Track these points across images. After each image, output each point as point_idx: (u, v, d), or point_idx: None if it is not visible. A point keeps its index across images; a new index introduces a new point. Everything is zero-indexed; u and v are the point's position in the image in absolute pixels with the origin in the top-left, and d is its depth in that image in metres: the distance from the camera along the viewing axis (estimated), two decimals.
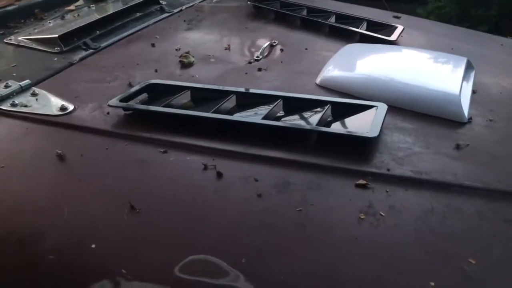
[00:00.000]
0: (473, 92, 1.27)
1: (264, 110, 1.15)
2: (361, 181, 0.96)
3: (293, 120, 1.13)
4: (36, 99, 1.23)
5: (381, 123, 1.06)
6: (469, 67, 1.34)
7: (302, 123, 1.12)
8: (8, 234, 0.91)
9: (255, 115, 1.14)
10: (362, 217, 0.88)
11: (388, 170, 0.99)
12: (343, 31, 1.65)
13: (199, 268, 0.81)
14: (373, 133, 1.03)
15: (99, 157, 1.04)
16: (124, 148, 1.06)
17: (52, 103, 1.21)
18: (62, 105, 1.19)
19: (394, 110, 1.16)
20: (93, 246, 0.84)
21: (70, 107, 1.19)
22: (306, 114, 1.15)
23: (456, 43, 1.63)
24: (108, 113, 1.16)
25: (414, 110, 1.18)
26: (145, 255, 0.84)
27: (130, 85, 1.28)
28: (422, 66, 1.35)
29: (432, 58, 1.40)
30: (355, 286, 0.79)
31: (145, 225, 0.88)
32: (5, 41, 1.57)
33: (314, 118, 1.12)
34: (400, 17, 1.88)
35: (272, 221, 0.89)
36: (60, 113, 1.17)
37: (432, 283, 0.77)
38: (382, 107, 1.11)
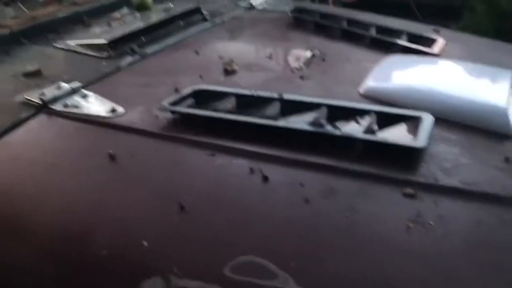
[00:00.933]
0: None
1: (308, 117, 1.16)
2: (409, 190, 0.96)
3: (338, 128, 1.14)
4: (87, 101, 1.27)
5: (428, 133, 1.06)
6: None
7: (347, 131, 1.12)
8: (61, 230, 0.95)
9: (300, 122, 1.15)
10: (410, 225, 0.88)
11: (436, 180, 0.98)
12: (383, 43, 1.66)
13: (248, 268, 0.82)
14: (421, 143, 1.02)
15: (149, 158, 1.07)
16: (173, 150, 1.09)
17: (102, 105, 1.25)
18: (112, 107, 1.22)
19: (439, 121, 1.15)
20: (145, 243, 0.86)
21: (120, 109, 1.22)
22: (351, 122, 1.16)
23: (498, 56, 1.61)
24: (157, 116, 1.19)
25: (460, 122, 1.17)
26: (195, 254, 0.85)
27: (177, 90, 1.31)
28: (466, 78, 1.35)
29: (476, 70, 1.39)
30: None
31: (194, 224, 0.90)
32: (55, 46, 1.63)
33: (359, 126, 1.12)
34: (439, 30, 1.87)
35: (319, 226, 0.89)
36: (110, 114, 1.20)
37: None
38: (428, 117, 1.11)
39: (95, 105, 1.25)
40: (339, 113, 1.18)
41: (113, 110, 1.22)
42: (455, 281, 0.79)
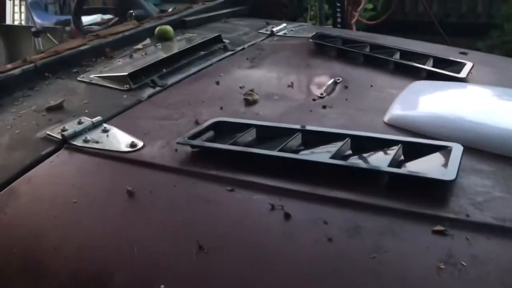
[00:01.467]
0: None
1: (331, 148, 1.12)
2: (439, 227, 0.90)
3: (362, 160, 1.10)
4: (107, 136, 1.27)
5: (458, 165, 1.00)
6: None
7: (372, 163, 1.08)
8: (80, 271, 0.93)
9: (322, 154, 1.11)
10: (441, 266, 0.83)
11: (467, 216, 0.93)
12: (408, 68, 1.61)
13: None
14: (450, 176, 0.97)
15: (167, 194, 1.05)
16: (192, 185, 1.07)
17: (122, 140, 1.24)
18: (132, 142, 1.21)
19: (469, 151, 1.10)
20: (162, 286, 0.84)
21: (140, 143, 1.21)
22: (376, 154, 1.11)
23: None
24: (176, 150, 1.17)
25: (491, 152, 1.12)
26: None
27: (197, 123, 1.29)
28: (496, 105, 1.29)
29: (506, 96, 1.33)
30: None
31: (213, 265, 0.87)
32: (78, 79, 1.65)
33: (384, 158, 1.08)
34: (467, 53, 1.82)
35: (344, 267, 0.85)
36: (130, 149, 1.19)
37: None
38: (458, 148, 1.06)
39: (115, 140, 1.25)
40: (363, 144, 1.14)
41: (133, 145, 1.21)
42: None
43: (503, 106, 1.28)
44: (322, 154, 1.12)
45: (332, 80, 1.53)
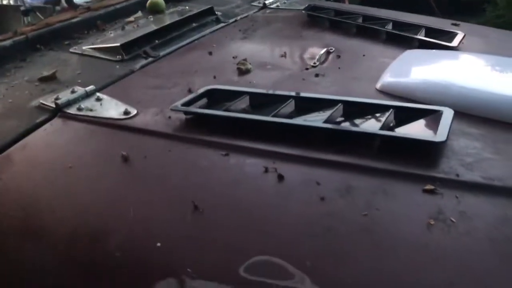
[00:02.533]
0: None
1: (324, 114, 1.13)
2: (429, 186, 0.92)
3: (355, 125, 1.11)
4: (101, 104, 1.27)
5: (448, 127, 1.02)
6: None
7: (364, 127, 1.09)
8: (76, 232, 0.94)
9: (315, 119, 1.12)
10: (431, 223, 0.85)
11: (457, 175, 0.95)
12: (401, 38, 1.62)
13: (264, 269, 0.80)
14: (441, 137, 0.99)
15: (162, 159, 1.06)
16: (186, 150, 1.08)
17: (115, 108, 1.24)
18: (126, 109, 1.22)
19: (459, 115, 1.11)
20: (158, 244, 0.85)
21: (133, 111, 1.22)
22: (368, 119, 1.13)
23: None
24: (169, 117, 1.18)
25: (481, 116, 1.13)
26: (210, 255, 0.83)
27: (190, 91, 1.30)
28: (486, 71, 1.30)
29: (496, 63, 1.34)
30: None
31: (209, 225, 0.89)
32: (70, 50, 1.64)
33: (376, 122, 1.09)
34: (459, 24, 1.82)
35: (336, 224, 0.87)
36: (124, 116, 1.20)
37: None
38: (448, 112, 1.08)
39: (108, 108, 1.25)
40: (355, 110, 1.15)
41: (127, 113, 1.21)
42: (480, 279, 0.76)
43: (493, 73, 1.30)
44: (315, 119, 1.13)
45: (324, 49, 1.53)
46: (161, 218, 0.92)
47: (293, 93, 1.21)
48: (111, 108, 1.25)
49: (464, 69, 1.32)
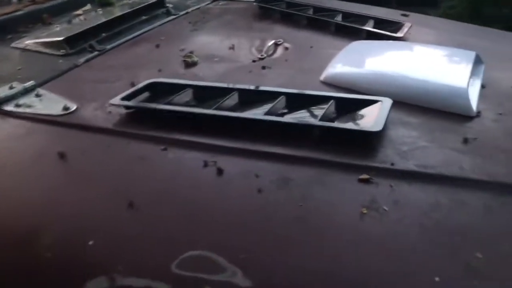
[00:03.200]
0: (482, 86, 1.24)
1: (266, 107, 1.13)
2: (364, 176, 0.93)
3: (295, 117, 1.12)
4: (40, 100, 1.23)
5: (385, 117, 1.03)
6: (478, 61, 1.31)
7: (305, 119, 1.10)
8: (8, 232, 0.91)
9: (257, 112, 1.12)
10: (364, 211, 0.86)
11: (392, 164, 0.96)
12: (349, 29, 1.63)
13: (196, 264, 0.79)
14: (377, 127, 1.00)
15: (100, 155, 1.04)
16: (125, 146, 1.06)
17: (55, 103, 1.21)
18: (65, 105, 1.19)
19: (400, 105, 1.13)
20: (90, 243, 0.83)
21: (73, 106, 1.19)
22: (310, 110, 1.13)
23: (465, 39, 1.59)
24: (110, 112, 1.16)
25: (420, 105, 1.15)
26: (142, 251, 0.82)
27: (133, 85, 1.27)
28: (429, 61, 1.33)
29: (439, 53, 1.37)
30: (358, 281, 0.76)
31: (142, 221, 0.87)
32: (12, 45, 1.59)
33: (317, 114, 1.10)
34: (408, 15, 1.85)
35: (272, 216, 0.87)
36: (63, 112, 1.17)
37: (437, 278, 0.74)
38: (387, 102, 1.09)
39: (48, 104, 1.22)
40: (298, 102, 1.16)
41: (66, 108, 1.18)
42: (412, 265, 0.77)
43: (435, 63, 1.32)
44: (257, 111, 1.13)
45: (272, 41, 1.53)
46: (95, 216, 0.90)
47: (236, 86, 1.20)
48: (51, 104, 1.21)
49: (407, 60, 1.34)
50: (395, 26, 1.63)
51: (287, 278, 0.77)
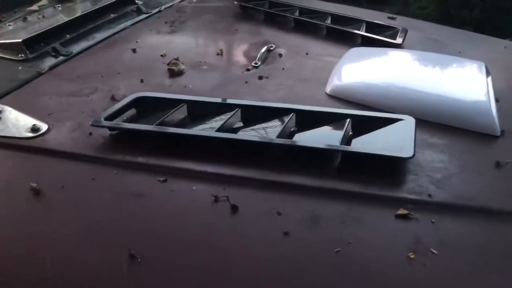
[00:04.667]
0: (497, 100, 1.16)
1: (275, 125, 0.99)
2: (402, 211, 0.82)
3: (311, 138, 0.98)
4: (0, 118, 1.02)
5: (413, 139, 0.92)
6: (487, 73, 1.23)
7: (322, 141, 0.96)
8: None
9: (266, 133, 0.98)
10: (411, 256, 0.74)
11: (430, 196, 0.85)
12: (342, 33, 1.52)
13: None
14: (408, 153, 0.89)
15: (84, 190, 0.85)
16: (115, 177, 0.88)
17: (20, 123, 1.01)
18: (34, 125, 0.99)
19: (418, 122, 1.03)
20: None
21: (44, 127, 0.99)
22: (324, 130, 1.01)
23: (461, 45, 1.52)
24: (90, 133, 0.97)
25: (441, 123, 1.05)
26: None
27: (114, 99, 1.09)
28: (441, 73, 1.24)
29: (448, 63, 1.28)
30: None
31: (150, 278, 0.71)
32: None
33: (334, 134, 0.97)
34: (395, 18, 1.77)
35: (306, 265, 0.73)
36: (32, 134, 0.97)
37: None
38: (410, 121, 0.98)
39: (11, 123, 1.01)
40: (310, 120, 1.02)
41: (35, 129, 0.98)
42: None
43: (447, 75, 1.23)
44: (266, 132, 0.98)
45: (265, 47, 1.38)
46: (89, 273, 0.72)
47: (239, 101, 1.05)
48: (15, 123, 1.01)
49: (416, 71, 1.24)
50: (390, 31, 1.54)
51: None
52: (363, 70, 1.25)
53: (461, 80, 1.19)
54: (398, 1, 3.93)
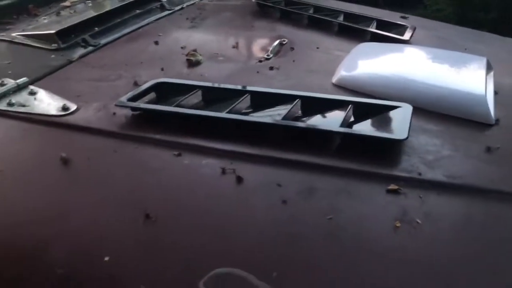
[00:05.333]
0: (495, 93, 1.22)
1: (281, 110, 1.08)
2: (393, 186, 0.89)
3: (313, 121, 1.07)
4: (35, 98, 1.14)
5: (409, 124, 1.00)
6: (488, 67, 1.29)
7: (323, 124, 1.05)
8: (8, 246, 0.83)
9: (272, 116, 1.07)
10: (397, 225, 0.82)
11: (420, 174, 0.93)
12: (353, 30, 1.59)
13: (225, 282, 0.73)
14: (402, 135, 0.96)
15: (107, 161, 0.96)
16: (134, 151, 0.98)
17: (52, 103, 1.12)
18: (64, 104, 1.10)
19: (417, 111, 1.10)
20: (106, 259, 0.76)
21: (73, 106, 1.10)
22: (327, 115, 1.09)
23: (468, 43, 1.58)
24: (114, 113, 1.08)
25: (438, 111, 1.12)
26: (165, 269, 0.76)
27: (136, 84, 1.20)
28: (442, 66, 1.30)
29: (450, 58, 1.34)
30: None
31: (163, 235, 0.81)
32: None
33: (335, 119, 1.05)
34: (407, 17, 1.83)
35: (301, 230, 0.82)
36: (62, 113, 1.08)
37: None
38: (407, 108, 1.05)
39: (44, 102, 1.12)
40: (314, 106, 1.10)
41: (65, 108, 1.09)
42: (455, 283, 0.73)
43: (448, 68, 1.29)
44: (272, 116, 1.07)
45: (277, 41, 1.47)
46: (109, 229, 0.82)
47: (249, 88, 1.14)
48: (47, 103, 1.12)
49: (419, 64, 1.31)
50: (399, 28, 1.60)
51: None
52: (369, 62, 1.33)
53: (460, 73, 1.25)
54: (420, 4, 3.97)
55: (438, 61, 1.32)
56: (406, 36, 1.51)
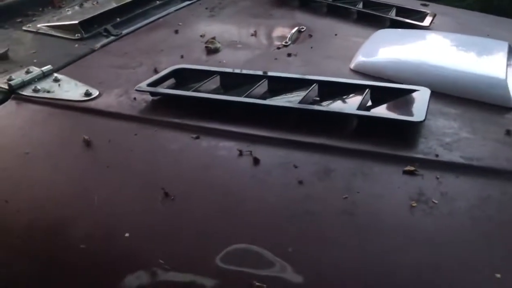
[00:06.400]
0: None
1: (298, 95, 1.09)
2: (409, 168, 0.89)
3: (330, 105, 1.07)
4: (59, 85, 1.18)
5: (426, 107, 0.99)
6: (510, 51, 1.27)
7: (341, 107, 1.05)
8: (35, 224, 0.86)
9: (290, 100, 1.08)
10: (413, 204, 0.82)
11: (437, 156, 0.92)
12: (372, 17, 1.59)
13: (242, 257, 0.75)
14: (419, 117, 0.96)
15: (128, 143, 0.98)
16: (154, 134, 1.01)
17: (75, 89, 1.15)
18: (87, 90, 1.13)
19: (436, 95, 1.09)
20: (127, 235, 0.79)
21: (95, 92, 1.13)
22: (344, 99, 1.09)
23: (490, 29, 1.56)
24: (135, 98, 1.10)
25: (457, 95, 1.11)
26: (183, 245, 0.78)
27: (156, 71, 1.22)
28: (462, 51, 1.29)
29: (471, 43, 1.33)
30: (412, 276, 0.72)
31: (181, 212, 0.83)
32: (23, 28, 1.52)
33: (352, 103, 1.05)
34: (428, 4, 1.81)
35: (316, 208, 0.83)
36: (85, 98, 1.11)
37: (498, 275, 0.70)
38: (425, 91, 1.05)
39: (68, 89, 1.16)
40: (331, 90, 1.11)
41: (88, 94, 1.12)
42: (470, 261, 0.73)
43: (468, 52, 1.28)
44: (289, 99, 1.08)
45: (296, 28, 1.48)
46: (129, 207, 0.85)
47: (266, 73, 1.15)
48: (71, 89, 1.16)
49: (438, 49, 1.30)
50: (419, 15, 1.59)
51: (337, 273, 0.73)
52: (387, 48, 1.32)
53: (480, 57, 1.24)
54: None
55: (458, 46, 1.31)
56: (426, 22, 1.50)
